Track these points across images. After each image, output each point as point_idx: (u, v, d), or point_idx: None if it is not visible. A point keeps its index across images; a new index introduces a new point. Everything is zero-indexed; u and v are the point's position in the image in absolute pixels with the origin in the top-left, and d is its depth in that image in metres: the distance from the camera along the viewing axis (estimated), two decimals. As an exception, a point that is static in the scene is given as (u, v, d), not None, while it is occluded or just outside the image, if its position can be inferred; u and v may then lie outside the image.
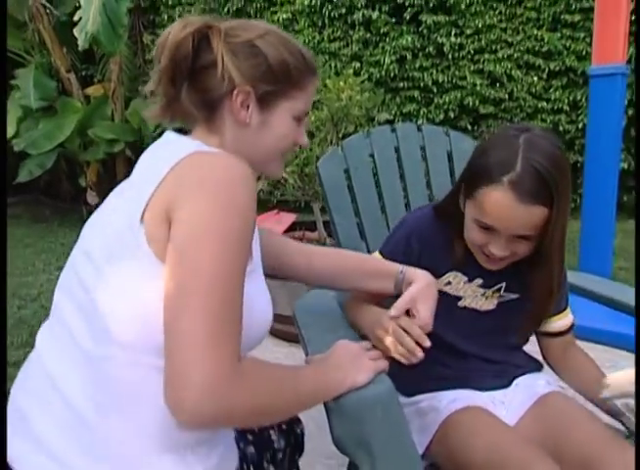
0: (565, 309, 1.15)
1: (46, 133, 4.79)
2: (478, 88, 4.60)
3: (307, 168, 2.12)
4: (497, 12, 4.55)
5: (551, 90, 4.56)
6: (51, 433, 0.73)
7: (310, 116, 2.38)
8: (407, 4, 4.68)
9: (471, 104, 4.66)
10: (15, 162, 5.37)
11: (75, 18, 4.15)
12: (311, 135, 2.35)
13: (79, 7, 4.81)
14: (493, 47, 4.60)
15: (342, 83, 2.43)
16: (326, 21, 4.96)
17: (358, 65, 4.91)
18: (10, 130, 4.89)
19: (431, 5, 4.61)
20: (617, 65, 2.11)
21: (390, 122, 3.83)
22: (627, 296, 1.32)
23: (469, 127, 4.77)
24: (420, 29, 4.72)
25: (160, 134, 0.89)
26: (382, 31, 4.82)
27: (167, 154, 0.77)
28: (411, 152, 1.45)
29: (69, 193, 6.16)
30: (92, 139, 5.10)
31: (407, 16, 4.72)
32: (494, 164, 0.89)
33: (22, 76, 4.98)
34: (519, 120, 4.65)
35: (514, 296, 1.11)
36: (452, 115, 4.74)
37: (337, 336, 0.91)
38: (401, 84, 4.84)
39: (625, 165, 4.46)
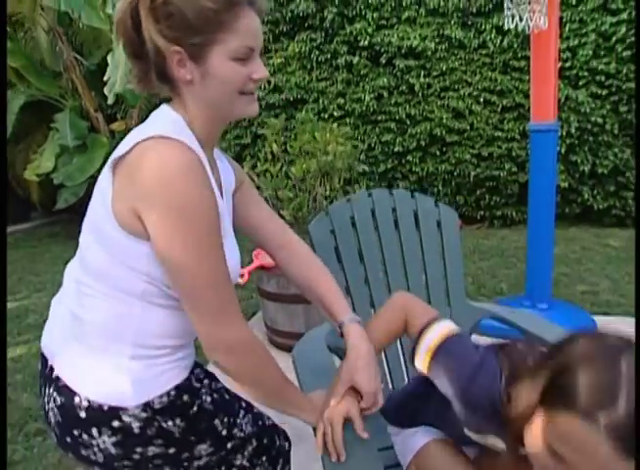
0: None
1: (79, 167, 4.87)
2: (444, 121, 4.69)
3: (300, 213, 2.24)
4: (458, 57, 4.62)
5: (505, 122, 4.63)
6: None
7: (301, 164, 2.50)
8: (383, 50, 4.79)
9: (439, 133, 4.74)
10: (53, 191, 5.47)
11: (105, 78, 4.25)
12: (302, 181, 2.47)
13: (105, 57, 4.95)
14: (456, 86, 4.68)
15: (328, 135, 2.54)
16: (314, 64, 5.04)
17: (342, 101, 5.01)
18: (49, 165, 4.98)
19: (403, 51, 4.71)
20: (549, 123, 2.27)
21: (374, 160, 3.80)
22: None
23: (437, 153, 4.87)
24: (394, 72, 4.79)
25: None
26: (362, 73, 4.91)
27: (125, 141, 0.76)
28: (384, 212, 1.52)
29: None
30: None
31: (383, 60, 4.81)
32: (586, 387, 0.57)
33: (60, 120, 5.05)
34: (479, 147, 4.76)
35: None
36: (423, 143, 4.82)
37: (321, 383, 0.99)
38: (379, 117, 4.93)
39: (566, 184, 4.59)
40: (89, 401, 0.79)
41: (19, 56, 5.11)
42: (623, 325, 2.64)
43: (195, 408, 0.87)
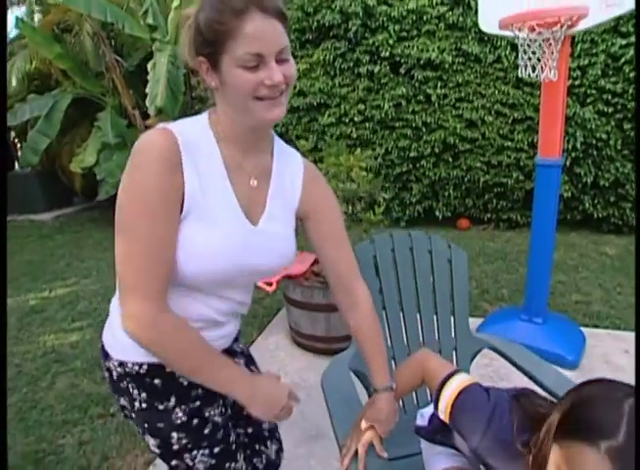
0: None
1: (119, 163, 5.02)
2: (457, 130, 4.76)
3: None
4: (474, 70, 4.66)
5: (515, 133, 4.69)
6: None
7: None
8: (402, 61, 4.84)
9: (452, 141, 4.82)
10: (94, 181, 5.68)
11: (147, 90, 4.38)
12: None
13: (143, 59, 5.07)
14: (470, 98, 4.72)
15: (351, 160, 2.66)
16: (337, 71, 5.11)
17: (363, 107, 5.09)
18: (92, 160, 5.17)
19: (421, 63, 4.75)
20: (554, 159, 2.37)
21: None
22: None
23: (450, 159, 4.96)
24: (412, 82, 4.85)
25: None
26: (382, 82, 4.97)
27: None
28: (403, 251, 1.66)
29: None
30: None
31: (402, 70, 4.86)
32: (596, 422, 0.66)
33: (102, 119, 5.22)
34: (489, 155, 4.84)
35: None
36: (437, 149, 4.90)
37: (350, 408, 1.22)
38: (397, 124, 5.01)
39: (569, 194, 4.66)
40: (102, 343, 1.00)
41: (66, 59, 5.26)
42: (608, 339, 2.79)
43: (160, 393, 0.93)
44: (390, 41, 4.79)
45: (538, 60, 2.06)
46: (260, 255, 0.91)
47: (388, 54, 4.82)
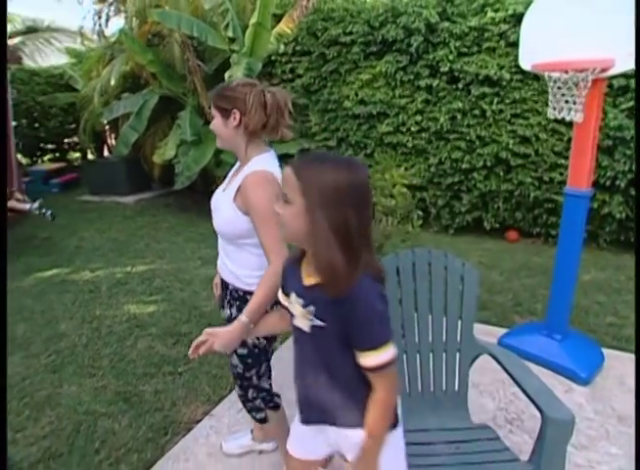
0: (368, 350, 1.03)
1: (195, 158, 5.65)
2: (510, 145, 4.93)
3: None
4: (532, 88, 4.80)
5: (569, 151, 4.76)
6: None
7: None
8: (461, 76, 5.05)
9: (504, 156, 4.99)
10: (171, 171, 6.40)
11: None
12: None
13: (222, 63, 5.64)
14: (526, 114, 4.86)
15: (394, 176, 3.01)
16: (397, 83, 5.40)
17: (420, 118, 5.35)
18: (171, 153, 5.83)
19: (480, 78, 4.94)
20: (583, 190, 2.58)
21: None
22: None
23: (501, 173, 5.11)
24: (469, 97, 5.07)
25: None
26: (439, 95, 5.20)
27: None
28: (422, 264, 1.99)
29: (204, 193, 7.06)
30: (222, 159, 5.96)
31: (460, 85, 5.09)
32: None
33: (182, 117, 5.86)
34: (542, 171, 4.93)
35: (321, 323, 1.06)
36: (489, 163, 5.08)
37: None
38: (452, 136, 5.22)
39: (624, 215, 4.63)
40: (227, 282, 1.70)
41: (156, 64, 5.96)
42: (630, 362, 2.88)
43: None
44: (451, 57, 5.02)
45: (566, 102, 2.30)
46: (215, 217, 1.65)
47: (447, 69, 5.04)
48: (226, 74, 5.07)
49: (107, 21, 7.85)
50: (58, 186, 7.80)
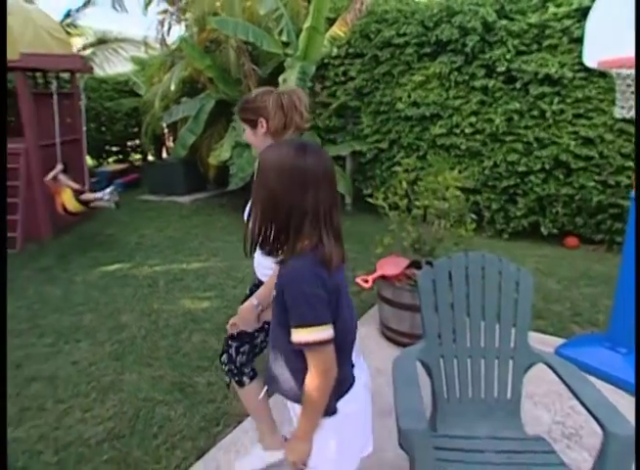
0: (295, 327, 1.10)
1: (248, 160, 5.78)
2: (571, 147, 4.71)
3: (417, 245, 2.74)
4: (597, 86, 4.56)
5: (637, 153, 4.51)
6: None
7: (424, 200, 2.98)
8: (519, 76, 4.88)
9: (565, 159, 4.78)
10: (225, 172, 6.60)
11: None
12: (423, 218, 2.96)
13: (276, 68, 5.76)
14: (590, 114, 4.63)
15: (448, 179, 2.96)
16: (452, 84, 5.31)
17: (474, 119, 5.23)
18: (226, 155, 6.01)
19: (539, 77, 4.76)
20: (650, 194, 2.45)
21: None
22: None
23: (561, 177, 4.89)
24: (527, 97, 4.89)
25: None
26: (495, 96, 5.06)
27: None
28: (475, 268, 1.96)
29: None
30: (276, 162, 6.06)
31: (518, 85, 4.91)
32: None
33: (237, 120, 6.06)
34: (606, 175, 4.67)
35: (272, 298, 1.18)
36: (547, 166, 4.89)
37: (411, 389, 1.61)
38: (508, 138, 5.06)
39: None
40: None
41: (213, 69, 6.19)
42: None
43: None
44: (508, 56, 4.87)
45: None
46: None
47: (504, 68, 4.90)
48: (280, 78, 5.18)
49: (168, 30, 8.26)
50: (121, 186, 8.24)
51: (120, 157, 9.97)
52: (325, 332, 1.11)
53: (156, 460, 2.17)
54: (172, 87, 6.73)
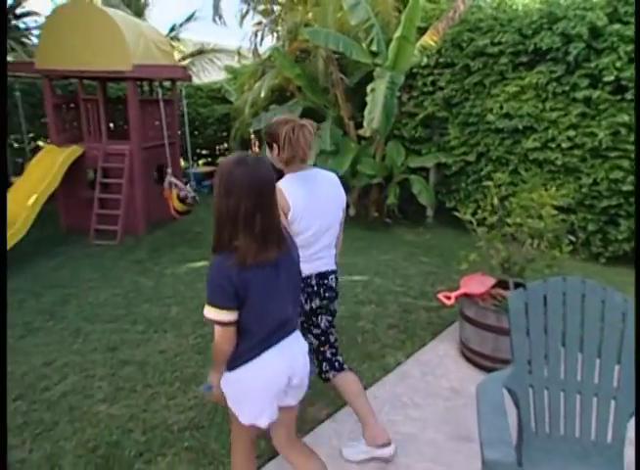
0: (206, 304, 1.43)
1: (332, 168, 5.89)
2: (689, 166, 4.23)
3: (507, 264, 2.60)
4: None
5: None
6: None
7: (515, 218, 2.83)
8: (630, 86, 4.48)
9: (679, 178, 4.30)
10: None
11: (366, 112, 5.07)
12: (513, 237, 2.80)
13: (363, 77, 5.80)
14: None
15: (545, 197, 2.78)
16: (549, 95, 5.00)
17: (573, 133, 4.88)
18: (310, 162, 6.18)
19: (654, 88, 4.34)
20: None
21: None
22: None
23: (673, 199, 4.41)
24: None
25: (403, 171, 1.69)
26: (600, 108, 4.68)
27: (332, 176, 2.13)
28: (574, 296, 1.81)
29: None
30: (358, 171, 6.09)
31: (628, 95, 4.52)
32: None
33: (323, 128, 6.17)
34: None
35: None
36: (658, 185, 4.44)
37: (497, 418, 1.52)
38: (612, 154, 4.65)
39: None
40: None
41: (302, 77, 6.37)
42: None
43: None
44: (618, 63, 4.49)
45: None
46: None
47: (612, 78, 4.52)
48: (368, 87, 5.21)
49: (261, 40, 8.64)
50: (208, 187, 8.74)
51: (209, 159, 10.57)
52: (223, 315, 1.42)
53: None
54: (262, 94, 7.02)
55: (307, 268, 1.95)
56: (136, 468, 2.18)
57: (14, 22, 11.17)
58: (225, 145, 10.16)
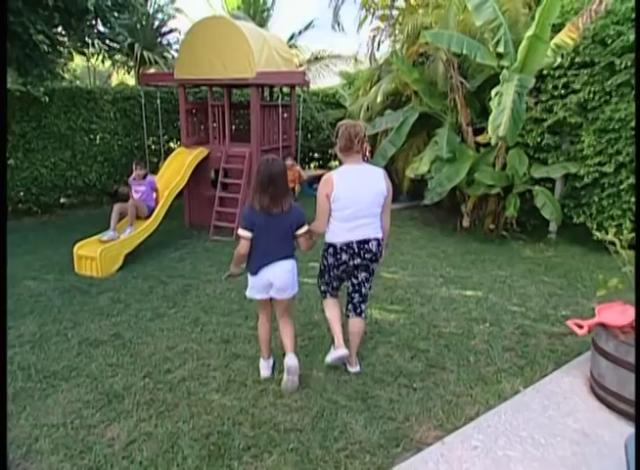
0: None
1: (448, 176, 5.63)
2: None
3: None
4: None
5: None
6: None
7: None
8: None
9: None
10: (419, 187, 6.56)
11: (490, 119, 4.76)
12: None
13: (485, 80, 5.47)
14: None
15: None
16: None
17: None
18: (425, 169, 5.97)
19: None
20: None
21: None
22: None
23: None
24: None
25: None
26: None
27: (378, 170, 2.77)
28: None
29: (449, 211, 6.97)
30: (475, 179, 5.74)
31: None
32: None
33: (439, 134, 5.95)
34: None
35: None
36: None
37: None
38: None
39: None
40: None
41: (420, 82, 6.22)
42: None
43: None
44: None
45: None
46: None
47: None
48: (493, 91, 4.89)
49: (378, 45, 8.62)
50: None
51: (321, 163, 10.83)
52: (243, 233, 2.65)
53: (335, 464, 2.23)
54: (378, 99, 6.98)
55: (350, 236, 2.73)
56: (244, 461, 2.25)
57: (159, 39, 12.57)
58: (336, 149, 10.33)
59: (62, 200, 7.97)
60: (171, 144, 8.56)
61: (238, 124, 7.83)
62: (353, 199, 2.65)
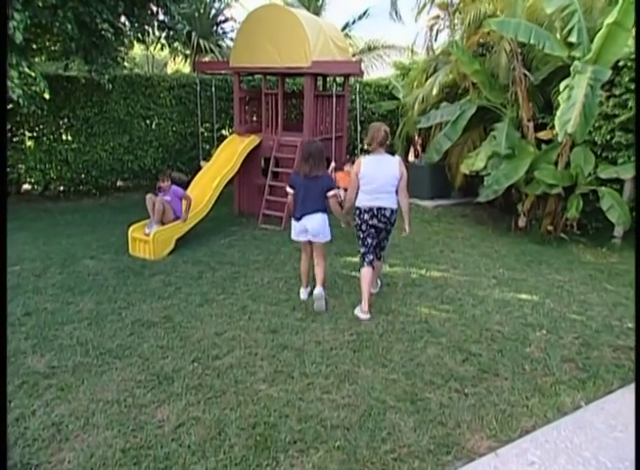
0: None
1: (506, 173, 5.37)
2: None
3: None
4: None
5: None
6: None
7: None
8: None
9: None
10: (473, 184, 6.30)
11: (558, 113, 4.46)
12: None
13: (551, 73, 5.13)
14: None
15: None
16: None
17: None
18: (481, 165, 5.72)
19: None
20: None
21: None
22: None
23: None
24: None
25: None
26: None
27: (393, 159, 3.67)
28: None
29: (504, 209, 6.65)
30: (534, 178, 5.44)
31: None
32: None
33: (498, 129, 5.67)
34: None
35: None
36: None
37: None
38: None
39: None
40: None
41: (481, 73, 5.93)
42: None
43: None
44: None
45: None
46: None
47: None
48: (562, 85, 4.57)
49: (436, 35, 8.32)
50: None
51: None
52: (290, 190, 3.75)
53: (383, 467, 2.16)
54: (434, 91, 6.74)
55: (370, 204, 3.62)
56: (290, 455, 2.23)
57: (214, 27, 12.72)
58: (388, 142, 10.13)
59: (118, 183, 8.27)
60: (223, 131, 8.67)
61: (290, 114, 7.80)
62: (374, 178, 3.58)
